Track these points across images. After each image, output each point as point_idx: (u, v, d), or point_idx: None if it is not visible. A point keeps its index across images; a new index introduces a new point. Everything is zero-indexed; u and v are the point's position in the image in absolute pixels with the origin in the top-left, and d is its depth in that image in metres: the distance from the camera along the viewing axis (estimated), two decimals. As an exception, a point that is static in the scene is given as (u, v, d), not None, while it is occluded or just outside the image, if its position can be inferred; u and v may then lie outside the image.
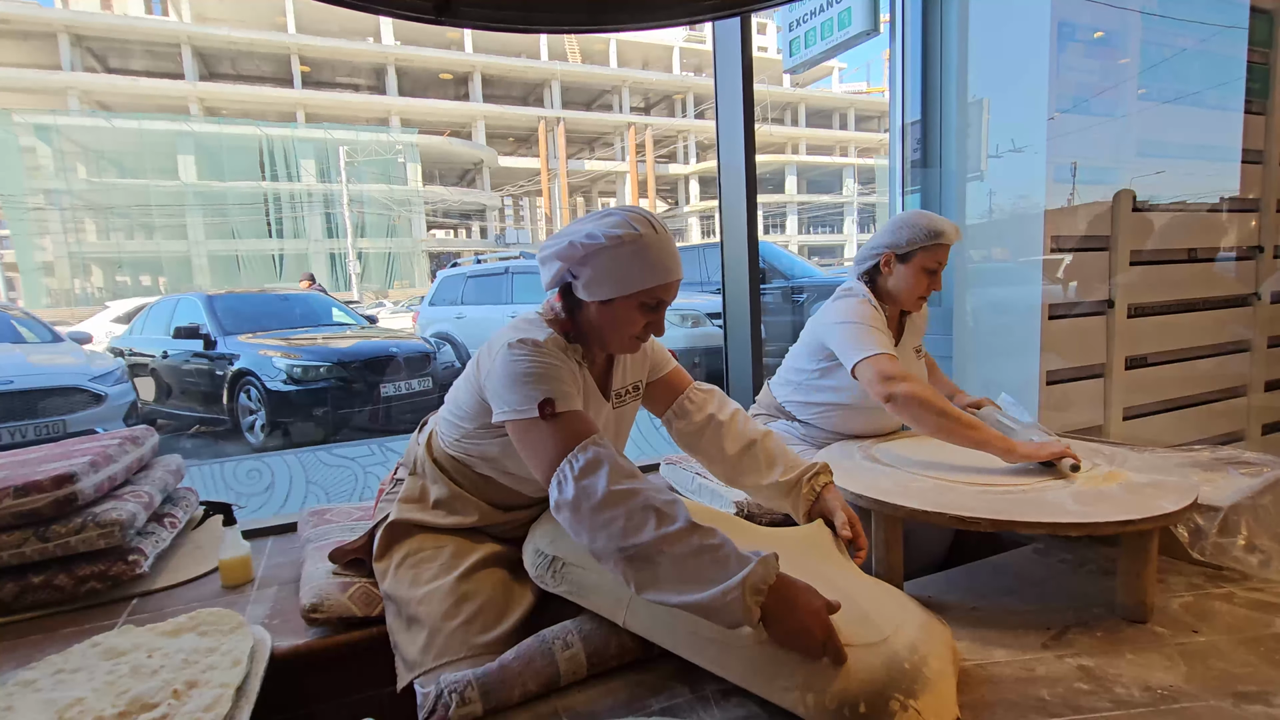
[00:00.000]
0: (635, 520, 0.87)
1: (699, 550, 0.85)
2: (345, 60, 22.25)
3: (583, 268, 1.05)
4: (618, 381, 1.22)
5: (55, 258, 15.66)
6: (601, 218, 1.06)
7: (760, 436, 1.25)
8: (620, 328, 1.08)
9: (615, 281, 1.04)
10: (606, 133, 28.07)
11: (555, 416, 0.97)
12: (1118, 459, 1.32)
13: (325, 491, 2.86)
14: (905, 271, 1.57)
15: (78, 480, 1.32)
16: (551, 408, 0.97)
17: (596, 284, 1.05)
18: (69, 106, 17.49)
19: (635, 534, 0.87)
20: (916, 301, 1.60)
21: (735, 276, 2.24)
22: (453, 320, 7.04)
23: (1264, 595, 1.14)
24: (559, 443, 0.96)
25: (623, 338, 1.10)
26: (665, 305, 1.09)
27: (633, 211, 1.06)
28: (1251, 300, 2.63)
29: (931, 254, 1.54)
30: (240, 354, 4.75)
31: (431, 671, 1.00)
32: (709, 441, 1.27)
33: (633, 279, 1.04)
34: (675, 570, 0.85)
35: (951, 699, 0.86)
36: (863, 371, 1.45)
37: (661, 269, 1.04)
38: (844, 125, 32.14)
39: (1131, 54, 2.46)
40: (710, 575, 0.84)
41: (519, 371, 1.00)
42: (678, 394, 1.29)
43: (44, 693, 0.95)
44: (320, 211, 17.83)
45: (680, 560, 0.85)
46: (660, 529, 0.86)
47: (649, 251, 1.03)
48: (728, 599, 0.81)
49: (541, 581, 1.08)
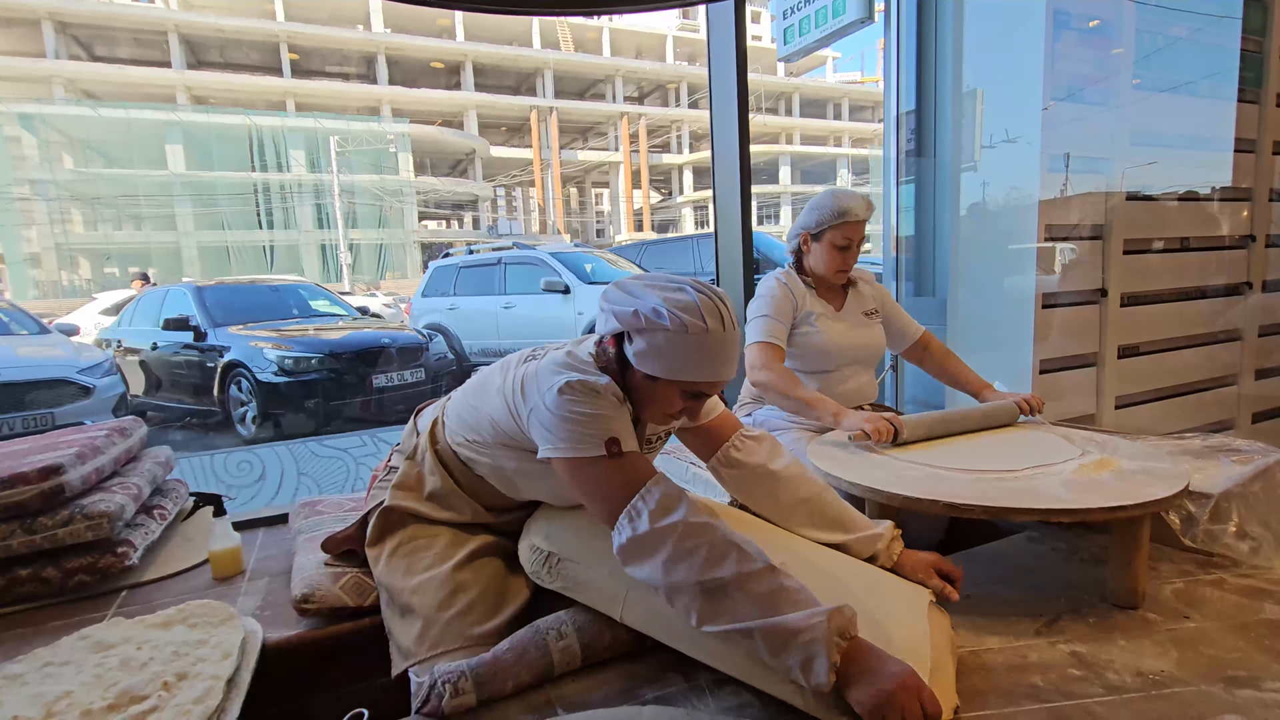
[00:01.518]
0: (717, 552, 0.86)
1: (778, 590, 0.84)
2: (335, 48, 22.01)
3: (639, 337, 1.00)
4: (652, 428, 1.19)
5: (42, 249, 15.48)
6: (675, 291, 0.99)
7: (819, 492, 1.19)
8: (657, 405, 1.04)
9: (667, 364, 0.99)
10: (600, 122, 27.93)
11: (620, 455, 0.95)
12: (1109, 447, 1.32)
13: (317, 483, 2.85)
14: (819, 249, 1.70)
15: (64, 472, 1.30)
16: (618, 447, 0.95)
17: (648, 358, 1.00)
18: (54, 95, 17.24)
19: (716, 567, 0.85)
20: (836, 275, 1.71)
21: (729, 267, 2.24)
22: (445, 311, 7.01)
23: (1254, 581, 1.15)
24: (628, 480, 0.94)
25: (657, 414, 1.06)
26: (708, 397, 1.05)
27: (707, 297, 0.98)
28: (1243, 289, 2.64)
29: (839, 231, 1.66)
30: (231, 345, 4.71)
31: (426, 661, 1.00)
32: (763, 492, 1.21)
33: (686, 369, 0.99)
34: (749, 609, 0.83)
35: (951, 686, 0.86)
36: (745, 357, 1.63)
37: (717, 368, 0.99)
38: (838, 115, 32.09)
39: (1126, 43, 2.45)
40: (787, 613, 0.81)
41: (578, 412, 0.97)
42: (723, 440, 1.23)
43: (31, 686, 0.94)
44: (311, 202, 17.68)
45: (758, 599, 0.83)
46: (741, 566, 0.85)
47: (710, 349, 0.97)
48: (812, 620, 0.79)
49: (537, 577, 1.07)
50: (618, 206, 27.61)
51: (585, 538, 1.06)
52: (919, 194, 2.66)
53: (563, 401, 0.97)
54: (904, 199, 2.70)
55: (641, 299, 0.99)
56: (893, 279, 2.70)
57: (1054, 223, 2.25)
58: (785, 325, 1.67)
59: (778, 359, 1.63)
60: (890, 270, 2.72)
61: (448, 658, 0.98)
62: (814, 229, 1.69)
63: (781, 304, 1.67)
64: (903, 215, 2.70)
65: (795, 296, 1.70)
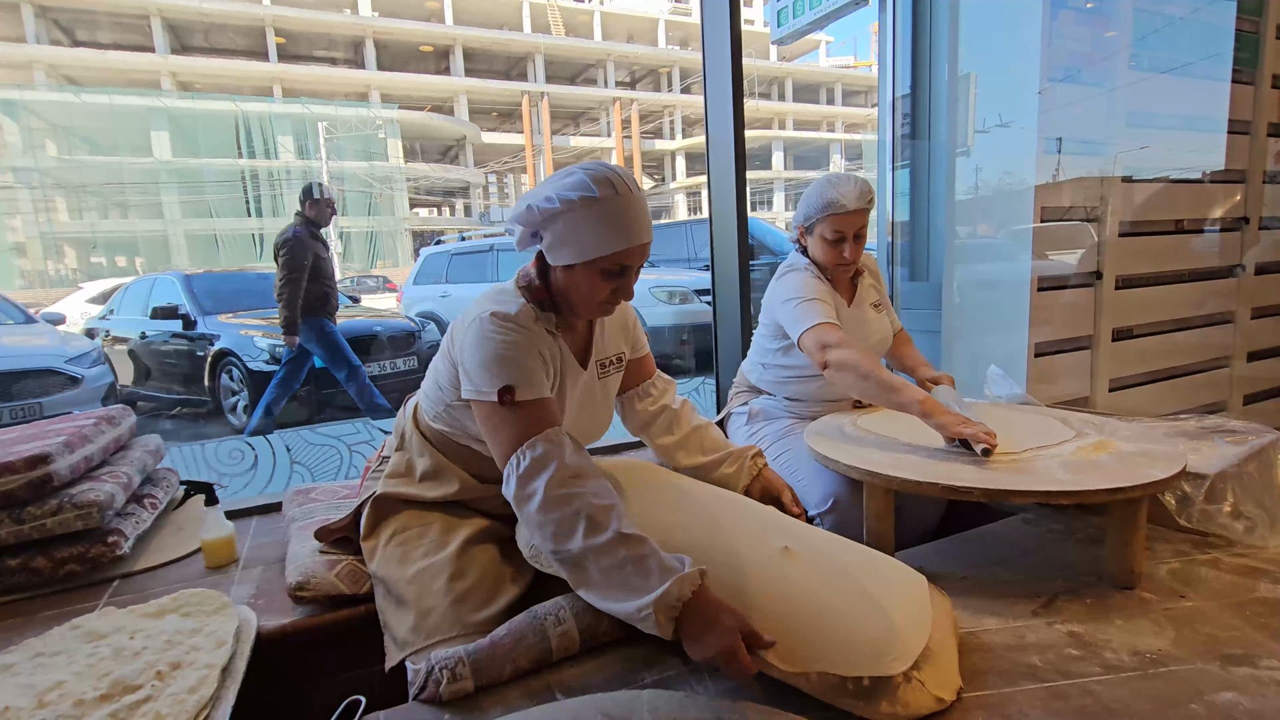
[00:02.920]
0: (565, 527, 0.90)
1: (624, 561, 0.87)
2: (322, 33, 21.67)
3: (544, 232, 1.02)
4: (599, 351, 1.20)
5: (26, 238, 15.26)
6: (563, 178, 1.01)
7: (703, 425, 1.37)
8: (585, 294, 1.05)
9: (574, 247, 1.00)
10: (591, 108, 27.67)
11: (513, 405, 0.96)
12: (1107, 429, 1.32)
13: (310, 471, 2.83)
14: (813, 242, 1.62)
15: (52, 461, 1.28)
16: (511, 395, 0.96)
17: (557, 249, 1.02)
18: (35, 81, 16.92)
19: (565, 540, 0.89)
20: (836, 268, 1.62)
21: (724, 253, 2.22)
22: (437, 299, 6.96)
23: (1249, 561, 1.16)
24: (514, 434, 0.96)
25: (589, 304, 1.07)
26: (632, 270, 1.05)
27: (594, 170, 1.00)
28: (1236, 271, 2.65)
29: (828, 224, 1.55)
30: (221, 334, 4.66)
31: (423, 650, 0.99)
32: (659, 425, 1.37)
33: (591, 245, 0.99)
34: (603, 578, 0.88)
35: (954, 668, 0.86)
36: (805, 343, 1.49)
37: (621, 234, 0.99)
38: (831, 100, 31.92)
39: (1123, 24, 2.43)
40: (635, 585, 0.86)
41: (487, 352, 0.99)
42: (644, 379, 1.36)
43: (23, 676, 0.93)
44: (300, 189, 17.47)
45: (607, 570, 0.88)
46: (588, 539, 0.88)
47: (608, 216, 0.98)
48: (641, 615, 0.84)
49: (536, 562, 1.06)
50: (610, 193, 27.41)
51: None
52: (913, 179, 2.64)
53: (478, 336, 1.00)
54: (899, 184, 2.69)
55: (533, 195, 1.02)
56: (888, 264, 2.69)
57: (1049, 205, 2.24)
58: (831, 306, 1.54)
59: (838, 332, 1.46)
60: (885, 255, 2.71)
61: (445, 645, 0.98)
62: (805, 222, 1.62)
63: (818, 286, 1.56)
64: (898, 200, 2.69)
65: (822, 285, 1.58)
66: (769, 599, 0.90)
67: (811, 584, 0.93)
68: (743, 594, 0.90)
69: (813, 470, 1.46)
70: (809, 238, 1.63)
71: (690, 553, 0.95)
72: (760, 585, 0.91)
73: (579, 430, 1.16)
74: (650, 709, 0.78)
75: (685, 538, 1.00)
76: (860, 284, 1.71)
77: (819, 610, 0.89)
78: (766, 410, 1.73)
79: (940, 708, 0.81)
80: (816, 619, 0.87)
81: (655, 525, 1.02)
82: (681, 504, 1.09)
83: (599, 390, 1.21)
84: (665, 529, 1.01)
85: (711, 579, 0.89)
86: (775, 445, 1.62)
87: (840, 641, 0.84)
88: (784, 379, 1.70)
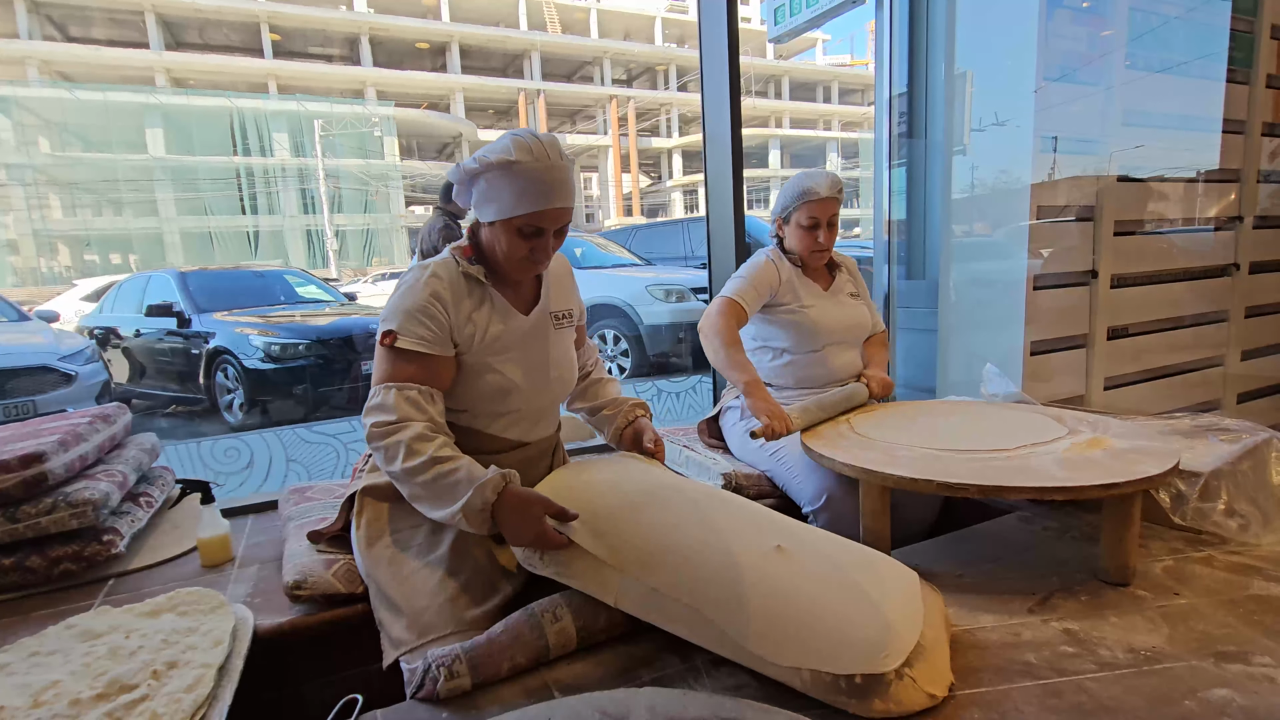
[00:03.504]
0: (390, 454, 1.04)
1: (438, 477, 1.02)
2: (317, 29, 21.54)
3: (472, 190, 1.12)
4: (553, 304, 1.26)
5: (19, 236, 15.15)
6: (495, 142, 1.10)
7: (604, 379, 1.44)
8: (506, 250, 1.13)
9: (496, 205, 1.09)
10: (588, 105, 27.60)
11: (391, 348, 1.09)
12: (1101, 426, 1.33)
13: (306, 469, 2.83)
14: (790, 231, 1.74)
15: (46, 459, 1.27)
16: (391, 339, 1.09)
17: (481, 206, 1.12)
18: (28, 77, 16.79)
19: (390, 464, 1.05)
20: (811, 255, 1.73)
21: (721, 251, 2.22)
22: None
23: (1243, 558, 1.17)
24: (383, 372, 1.10)
25: (511, 260, 1.14)
26: (550, 233, 1.12)
27: (520, 136, 1.08)
28: (1230, 270, 2.66)
29: (802, 212, 1.69)
30: (216, 332, 4.64)
31: (419, 649, 0.99)
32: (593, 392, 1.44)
33: (506, 205, 1.08)
34: (424, 492, 1.04)
35: (945, 666, 0.87)
36: (710, 306, 1.67)
37: (534, 197, 1.07)
38: (828, 98, 31.89)
39: (1118, 23, 2.44)
40: (449, 495, 1.02)
41: (394, 297, 1.13)
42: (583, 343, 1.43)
43: (18, 676, 0.92)
44: (295, 187, 17.36)
45: (426, 485, 1.03)
46: (406, 462, 1.03)
47: (523, 178, 1.06)
48: (456, 520, 1.02)
49: (528, 563, 1.05)
50: (607, 191, 27.39)
51: (581, 522, 1.04)
52: (910, 177, 2.64)
53: (401, 279, 1.14)
54: (895, 183, 2.69)
55: (466, 159, 1.12)
56: (885, 263, 2.69)
57: (1045, 204, 2.24)
58: (760, 295, 1.69)
59: (733, 315, 1.63)
60: (882, 254, 2.71)
61: (440, 643, 0.98)
62: (782, 213, 1.74)
63: (762, 275, 1.69)
64: (894, 199, 2.69)
65: (780, 275, 1.72)
66: (762, 597, 0.90)
67: (804, 582, 0.94)
68: (737, 593, 0.90)
69: (806, 467, 1.47)
70: (786, 228, 1.75)
71: (684, 552, 0.96)
72: (754, 584, 0.91)
73: (531, 366, 1.21)
74: (648, 707, 0.78)
75: (678, 537, 1.00)
76: (838, 275, 1.82)
77: (811, 608, 0.89)
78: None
79: (932, 704, 0.81)
80: (809, 617, 0.87)
81: (647, 524, 1.02)
82: (674, 502, 1.09)
83: (555, 338, 1.26)
84: (659, 528, 1.01)
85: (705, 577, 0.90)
86: (770, 442, 1.62)
87: (833, 639, 0.84)
88: (769, 363, 1.77)
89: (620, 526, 1.03)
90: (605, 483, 1.16)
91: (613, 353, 5.46)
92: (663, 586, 0.93)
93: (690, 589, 0.92)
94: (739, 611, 0.88)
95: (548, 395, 1.25)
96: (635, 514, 1.05)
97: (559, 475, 1.22)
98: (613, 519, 1.04)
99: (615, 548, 0.99)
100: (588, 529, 1.03)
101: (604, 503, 1.08)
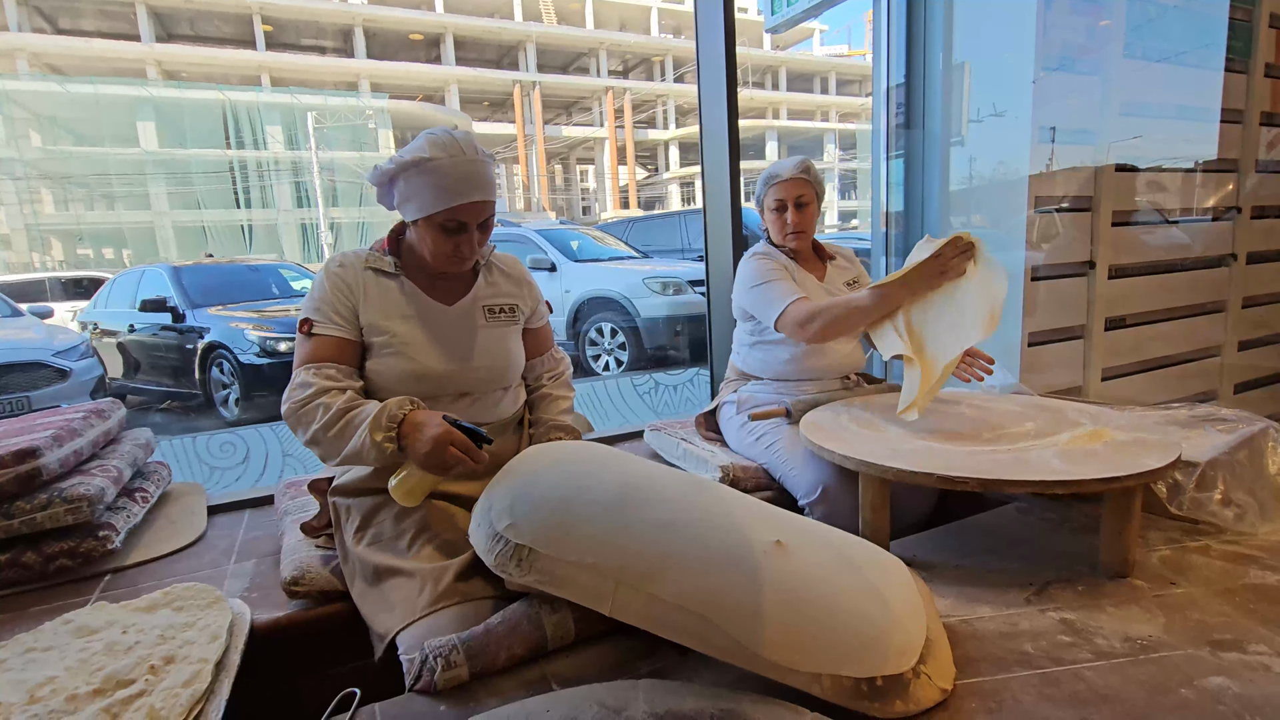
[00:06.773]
0: (304, 421, 1.09)
1: (345, 419, 1.06)
2: (310, 21, 21.36)
3: (392, 191, 1.14)
4: (487, 297, 1.28)
5: (11, 230, 15.04)
6: (413, 142, 1.12)
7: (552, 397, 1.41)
8: (431, 247, 1.15)
9: (416, 204, 1.11)
10: (584, 97, 27.46)
11: (307, 336, 1.15)
12: (1101, 418, 1.33)
13: (302, 463, 2.82)
14: (766, 216, 1.75)
15: (41, 455, 1.27)
16: (308, 326, 1.14)
17: (403, 206, 1.14)
18: (17, 70, 16.63)
19: (304, 432, 1.09)
20: (786, 238, 1.72)
21: (718, 244, 2.21)
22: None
23: (1239, 548, 1.17)
24: (301, 355, 1.15)
25: (439, 256, 1.16)
26: (473, 226, 1.14)
27: (434, 135, 1.10)
28: (1228, 261, 2.66)
29: (770, 194, 1.71)
30: (211, 327, 4.63)
31: (403, 630, 0.99)
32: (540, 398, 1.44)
33: (426, 202, 1.10)
34: (337, 437, 1.06)
35: (949, 659, 0.86)
36: (784, 326, 1.60)
37: (453, 193, 1.09)
38: (825, 90, 31.77)
39: (1116, 13, 2.43)
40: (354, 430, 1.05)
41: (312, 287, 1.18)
42: (544, 350, 1.43)
43: (14, 672, 0.92)
44: (289, 180, 17.26)
45: (336, 431, 1.06)
46: (321, 419, 1.07)
47: (440, 174, 1.08)
48: (366, 447, 1.04)
49: (504, 571, 0.89)
50: (603, 183, 27.31)
51: (565, 524, 0.91)
52: (908, 168, 2.63)
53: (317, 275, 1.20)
54: (893, 174, 2.68)
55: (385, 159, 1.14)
56: (883, 255, 2.69)
57: (1043, 195, 2.24)
58: (789, 279, 1.65)
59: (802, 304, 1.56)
60: (880, 246, 2.70)
61: (420, 622, 0.98)
62: (758, 204, 1.76)
63: (771, 269, 1.67)
64: (892, 190, 2.68)
65: (776, 265, 1.70)
66: (774, 599, 0.83)
67: (814, 580, 0.89)
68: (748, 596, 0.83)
69: (803, 458, 1.47)
70: (764, 215, 1.76)
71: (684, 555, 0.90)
72: (764, 585, 0.85)
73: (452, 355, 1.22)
74: (646, 699, 0.78)
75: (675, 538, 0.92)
76: (832, 265, 1.80)
77: (826, 609, 0.84)
78: (756, 397, 1.74)
79: (943, 698, 0.80)
80: (825, 616, 0.82)
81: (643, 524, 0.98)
82: (661, 498, 1.02)
83: (485, 332, 1.26)
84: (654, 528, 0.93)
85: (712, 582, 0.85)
86: (767, 434, 1.62)
87: (852, 641, 0.80)
88: (769, 360, 1.76)
89: (606, 530, 0.91)
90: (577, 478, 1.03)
91: (610, 346, 5.45)
92: (665, 594, 0.82)
93: (695, 595, 0.82)
94: (752, 616, 0.80)
95: (472, 382, 1.24)
96: (620, 514, 0.94)
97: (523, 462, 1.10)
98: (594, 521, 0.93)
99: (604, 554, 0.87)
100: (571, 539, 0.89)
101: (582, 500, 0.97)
